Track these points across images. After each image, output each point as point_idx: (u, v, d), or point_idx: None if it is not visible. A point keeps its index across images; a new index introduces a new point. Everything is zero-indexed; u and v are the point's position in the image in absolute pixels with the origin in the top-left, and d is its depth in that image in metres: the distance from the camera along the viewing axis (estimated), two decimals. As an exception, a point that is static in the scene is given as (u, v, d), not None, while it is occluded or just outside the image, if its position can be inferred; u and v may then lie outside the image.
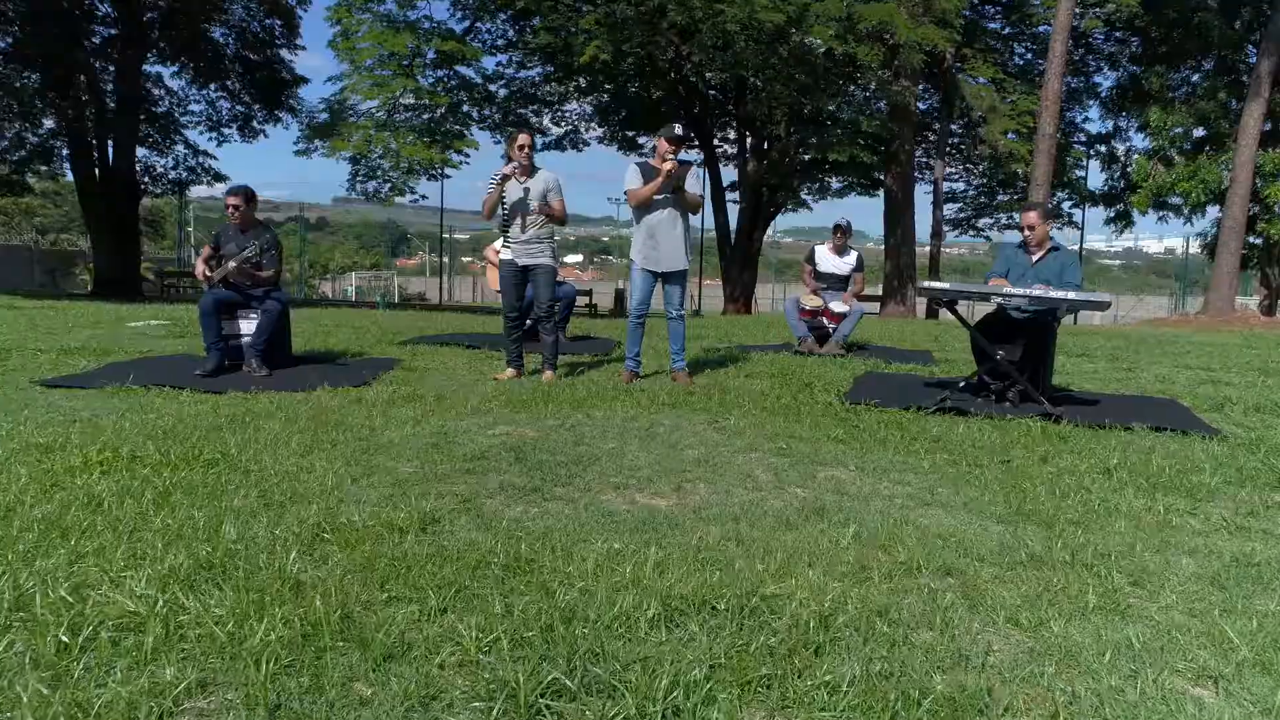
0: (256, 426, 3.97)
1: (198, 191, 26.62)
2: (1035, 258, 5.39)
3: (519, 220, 5.65)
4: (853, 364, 6.82)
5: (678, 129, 5.43)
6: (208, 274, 6.02)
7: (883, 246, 23.76)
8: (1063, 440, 4.15)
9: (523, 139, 5.61)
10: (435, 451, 3.54)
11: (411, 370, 6.10)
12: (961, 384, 5.24)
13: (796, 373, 6.09)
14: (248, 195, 6.13)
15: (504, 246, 5.80)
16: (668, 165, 5.33)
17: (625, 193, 5.51)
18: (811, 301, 7.62)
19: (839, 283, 7.93)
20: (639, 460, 3.55)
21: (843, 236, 7.86)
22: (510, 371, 5.90)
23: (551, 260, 5.79)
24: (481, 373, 6.13)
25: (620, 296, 27.46)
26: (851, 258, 7.94)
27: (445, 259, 63.69)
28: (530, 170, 5.68)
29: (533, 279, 5.76)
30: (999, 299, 4.88)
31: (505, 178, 5.56)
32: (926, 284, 5.05)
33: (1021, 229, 5.38)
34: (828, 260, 7.95)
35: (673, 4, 13.89)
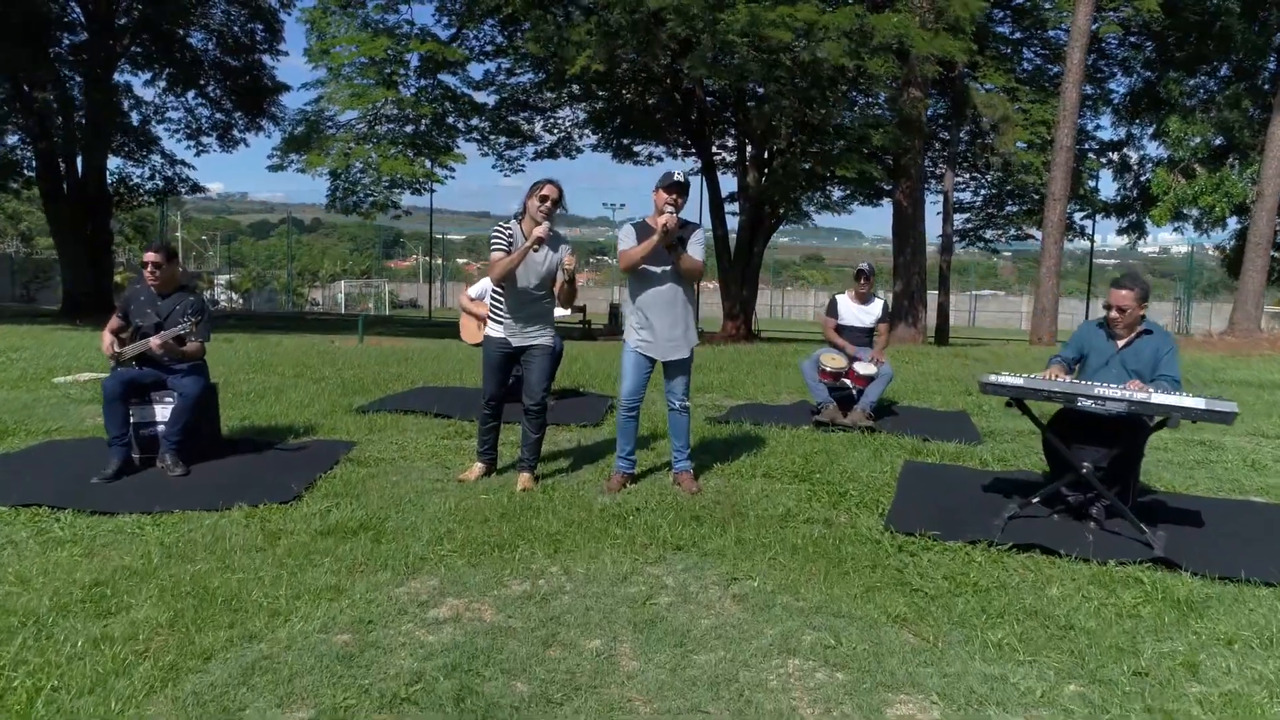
0: (112, 609, 2.93)
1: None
2: (1122, 341, 4.37)
3: (522, 289, 4.60)
4: (886, 443, 5.79)
5: (676, 175, 4.39)
6: (117, 350, 4.99)
7: (891, 262, 22.72)
8: (1196, 614, 3.12)
9: (549, 190, 4.52)
10: (340, 680, 2.50)
11: (360, 465, 5.06)
12: (1035, 498, 4.22)
13: (824, 467, 5.06)
14: (169, 253, 5.09)
15: (493, 319, 4.74)
16: (663, 219, 4.31)
17: (618, 255, 4.49)
18: (833, 363, 6.59)
19: (863, 336, 6.93)
20: (632, 682, 2.52)
21: (866, 283, 6.86)
22: (479, 468, 4.87)
23: (551, 339, 4.74)
24: (446, 466, 5.10)
25: (615, 312, 26.34)
26: (875, 307, 6.94)
27: (440, 260, 62.70)
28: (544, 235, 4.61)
29: (525, 362, 4.70)
30: (1087, 401, 3.85)
31: (541, 240, 4.47)
32: (992, 379, 4.03)
33: (1109, 309, 4.35)
34: (851, 311, 6.94)
35: (671, 14, 12.83)
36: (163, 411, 5.01)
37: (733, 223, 24.39)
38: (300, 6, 17.75)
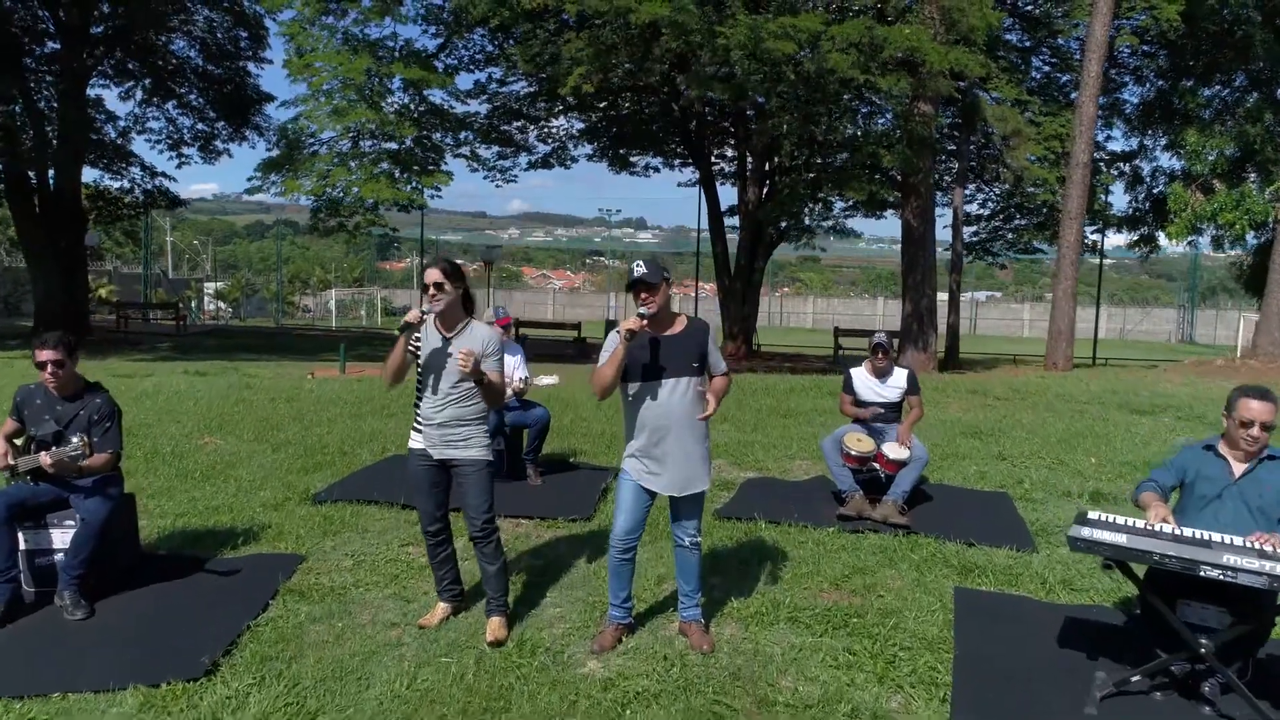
0: None
1: (184, 189, 24.76)
2: (1240, 469, 3.53)
3: (433, 389, 3.79)
4: (928, 557, 4.94)
5: (637, 269, 3.54)
6: (10, 462, 4.14)
7: (881, 260, 21.80)
8: None
9: (430, 275, 3.73)
10: None
11: (303, 598, 4.20)
12: (1134, 675, 3.38)
13: (861, 603, 4.22)
14: (69, 347, 4.21)
15: (414, 430, 3.92)
16: (628, 323, 3.47)
17: (592, 375, 3.66)
18: (859, 446, 5.75)
19: (887, 411, 6.08)
20: None
21: (883, 358, 6.00)
22: (442, 608, 4.03)
23: (483, 452, 3.87)
24: (405, 598, 4.25)
25: (612, 329, 25.40)
26: (899, 379, 6.08)
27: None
28: (454, 319, 3.81)
29: (457, 482, 3.86)
30: (1212, 571, 3.00)
31: (409, 326, 3.73)
32: (1085, 534, 3.18)
33: (1248, 425, 3.48)
34: (868, 386, 6.08)
35: (667, 27, 11.95)
36: (62, 537, 4.16)
37: (732, 235, 23.60)
38: (279, 19, 16.80)
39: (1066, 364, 17.38)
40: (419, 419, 3.86)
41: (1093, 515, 3.39)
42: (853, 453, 5.73)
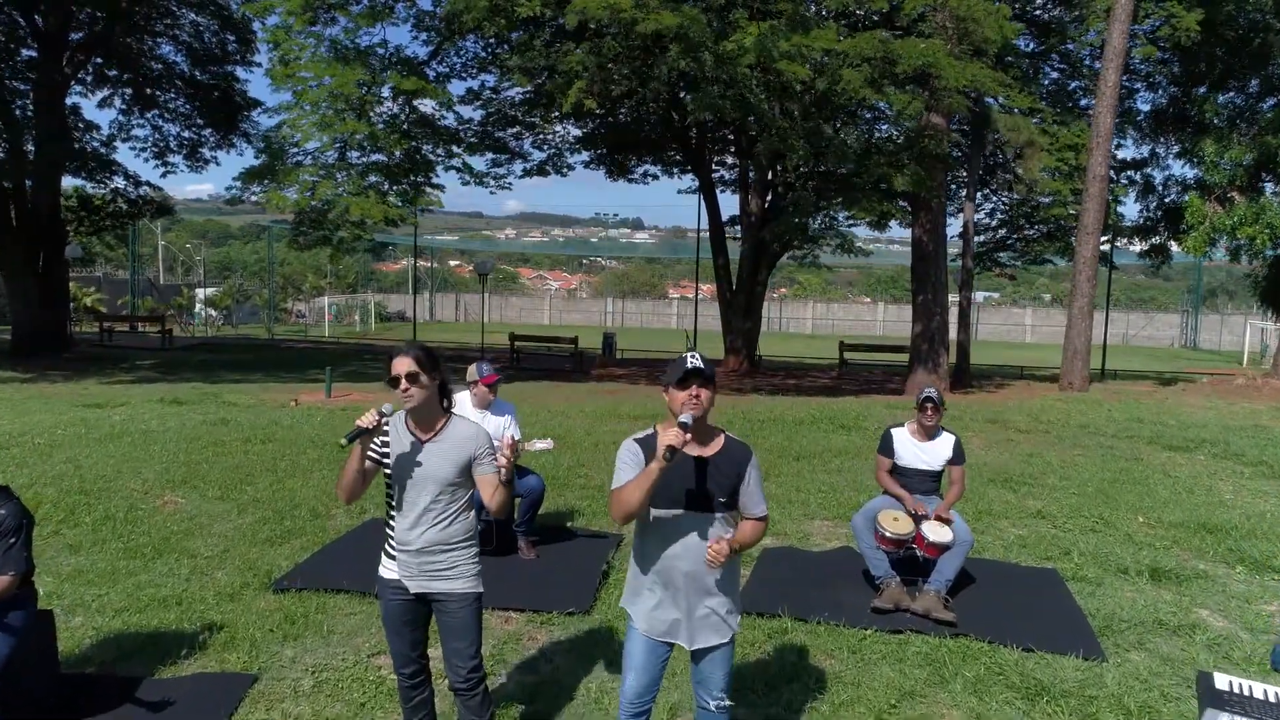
0: None
1: (178, 190, 24.08)
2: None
3: (407, 506, 3.11)
4: (983, 673, 4.25)
5: (690, 360, 2.78)
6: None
7: (878, 264, 20.84)
8: None
9: (402, 364, 3.01)
10: None
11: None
12: None
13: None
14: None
15: (385, 554, 3.22)
16: (669, 437, 2.69)
17: (610, 496, 2.90)
18: (895, 527, 5.06)
19: (928, 481, 5.41)
20: None
21: (934, 414, 5.32)
22: (416, 763, 3.35)
23: (471, 582, 3.16)
24: (370, 741, 3.57)
25: (610, 343, 24.71)
26: (945, 444, 5.40)
27: (430, 263, 60.74)
28: (430, 417, 3.11)
29: (438, 619, 3.17)
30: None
31: (363, 432, 2.95)
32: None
33: None
34: (911, 449, 5.40)
35: (672, 41, 11.22)
36: (-44, 676, 3.46)
37: (733, 242, 22.86)
38: (266, 24, 16.09)
39: (1083, 384, 16.74)
40: (391, 543, 3.16)
41: (1222, 684, 2.72)
42: (889, 534, 5.05)
